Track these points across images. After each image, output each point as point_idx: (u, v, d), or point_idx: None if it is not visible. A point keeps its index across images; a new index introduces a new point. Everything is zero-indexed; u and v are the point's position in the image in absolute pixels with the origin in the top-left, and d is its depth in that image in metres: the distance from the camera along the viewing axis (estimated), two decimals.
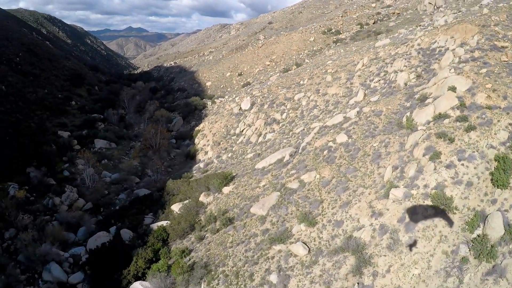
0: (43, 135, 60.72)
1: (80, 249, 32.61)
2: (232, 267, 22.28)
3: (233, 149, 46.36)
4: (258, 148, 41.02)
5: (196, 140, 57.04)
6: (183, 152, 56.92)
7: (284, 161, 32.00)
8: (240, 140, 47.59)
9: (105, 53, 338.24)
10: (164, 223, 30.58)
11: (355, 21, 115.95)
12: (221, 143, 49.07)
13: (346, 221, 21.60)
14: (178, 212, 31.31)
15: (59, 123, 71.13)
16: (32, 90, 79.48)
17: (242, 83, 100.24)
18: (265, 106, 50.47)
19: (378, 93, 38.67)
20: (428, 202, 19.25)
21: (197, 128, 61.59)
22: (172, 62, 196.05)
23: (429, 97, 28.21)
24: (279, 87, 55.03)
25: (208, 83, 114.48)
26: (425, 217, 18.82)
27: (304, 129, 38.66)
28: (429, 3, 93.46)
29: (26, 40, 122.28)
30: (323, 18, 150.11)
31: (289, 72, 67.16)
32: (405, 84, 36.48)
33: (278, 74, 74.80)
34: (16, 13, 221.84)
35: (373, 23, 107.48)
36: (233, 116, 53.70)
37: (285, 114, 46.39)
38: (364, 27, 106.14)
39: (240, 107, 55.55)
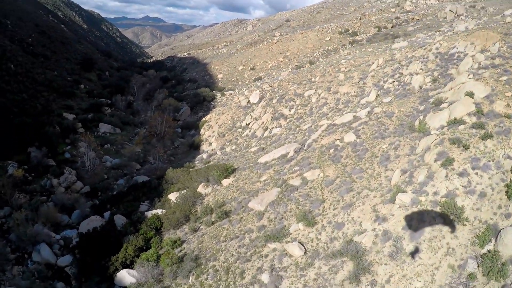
0: (47, 116, 60.26)
1: (73, 232, 31.86)
2: (223, 263, 21.16)
3: (238, 141, 45.26)
4: (263, 142, 39.85)
5: (202, 131, 56.04)
6: (187, 142, 56.00)
7: (288, 156, 30.79)
8: (245, 133, 46.46)
9: (120, 40, 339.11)
10: (159, 211, 29.62)
11: (373, 24, 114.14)
12: (226, 135, 47.98)
13: (347, 224, 20.34)
14: (175, 202, 30.31)
15: (65, 105, 70.81)
16: (41, 71, 79.37)
17: (253, 78, 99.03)
18: (274, 101, 49.25)
19: (391, 94, 37.33)
20: (437, 210, 17.89)
21: (203, 119, 60.59)
22: (185, 53, 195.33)
23: (444, 102, 26.80)
24: (290, 83, 53.75)
25: (220, 76, 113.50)
26: (432, 226, 17.47)
27: (311, 126, 37.41)
28: (450, 10, 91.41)
29: (40, 21, 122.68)
30: (341, 19, 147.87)
31: (302, 69, 65.71)
32: (420, 87, 35.20)
33: (290, 70, 73.44)
34: None
35: (391, 27, 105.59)
36: (241, 109, 52.55)
37: (293, 109, 45.13)
38: (381, 30, 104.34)
39: (249, 100, 54.39)
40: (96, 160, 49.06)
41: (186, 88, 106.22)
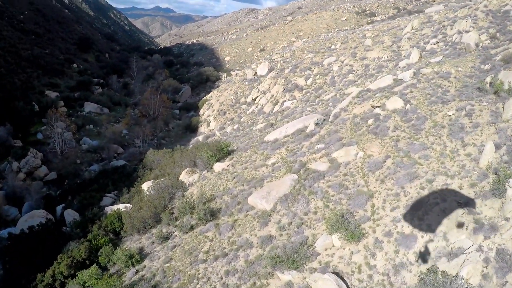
0: (23, 92, 52.14)
1: (12, 230, 23.29)
2: None
3: (241, 120, 36.22)
4: (272, 118, 30.73)
5: (201, 111, 47.19)
6: (183, 124, 47.10)
7: (307, 131, 21.71)
8: (251, 109, 37.39)
9: (128, 29, 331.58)
10: (122, 206, 20.80)
11: (392, 5, 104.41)
12: (228, 112, 39.01)
13: (424, 237, 11.18)
14: (147, 194, 21.45)
15: (50, 83, 63.10)
16: (28, 47, 72.24)
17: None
18: (286, 71, 40.06)
19: (439, 54, 29.83)
20: None
21: (204, 98, 51.71)
22: (194, 40, 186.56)
23: None
24: (305, 51, 44.43)
25: (227, 58, 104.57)
26: None
27: (335, 95, 28.28)
28: None
29: (36, 0, 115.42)
30: (358, 1, 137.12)
31: (318, 38, 56.13)
32: (476, 45, 28.04)
33: (304, 40, 63.83)
34: None
35: (411, 8, 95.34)
36: (246, 82, 43.45)
37: (310, 79, 35.87)
38: (401, 11, 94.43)
39: (256, 73, 45.27)
40: (71, 142, 40.77)
41: (191, 71, 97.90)
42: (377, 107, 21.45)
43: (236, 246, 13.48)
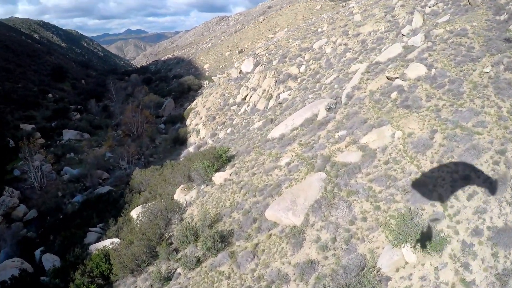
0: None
1: None
2: None
3: (234, 122, 32.48)
4: (270, 114, 27.12)
5: (188, 121, 43.43)
6: (171, 137, 43.13)
7: (319, 119, 18.16)
8: (242, 109, 33.68)
9: (103, 54, 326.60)
10: (109, 243, 16.87)
11: None
12: (217, 116, 35.23)
13: None
14: (137, 223, 17.57)
15: (25, 116, 58.91)
16: None
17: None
18: (274, 62, 36.51)
19: (444, 14, 26.83)
20: None
21: (189, 107, 47.97)
22: (169, 55, 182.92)
23: None
24: (290, 40, 40.91)
25: (206, 66, 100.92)
26: None
27: (339, 76, 24.81)
28: None
29: (3, 38, 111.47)
30: None
31: (302, 25, 52.81)
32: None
33: (286, 29, 60.50)
34: (8, 21, 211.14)
35: None
36: (232, 82, 39.76)
37: (303, 66, 32.39)
38: None
39: (240, 70, 41.62)
40: (51, 174, 36.79)
41: (171, 84, 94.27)
42: (395, 78, 18.14)
43: (266, 282, 9.70)
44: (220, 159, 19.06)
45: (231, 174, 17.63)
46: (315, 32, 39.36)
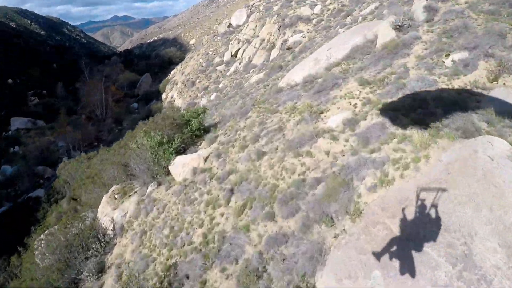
0: None
1: None
2: None
3: (221, 85, 22.66)
4: (277, 62, 17.33)
5: (164, 95, 33.89)
6: (141, 117, 33.26)
7: (386, 42, 8.42)
8: (232, 69, 23.85)
9: (85, 41, 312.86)
10: None
11: None
12: (198, 81, 25.44)
13: None
14: (34, 269, 8.03)
15: None
16: None
17: None
18: (276, 8, 26.65)
19: None
20: None
21: (166, 78, 38.19)
22: (155, 37, 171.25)
23: None
24: None
25: (192, 41, 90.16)
26: None
27: (383, 3, 15.10)
28: None
29: None
30: None
31: None
32: None
33: None
34: None
35: None
36: (218, 38, 29.92)
37: (318, 7, 22.44)
38: None
39: (230, 24, 31.75)
40: None
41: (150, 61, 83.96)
42: None
43: None
44: (189, 127, 9.37)
45: (208, 157, 7.97)
46: None
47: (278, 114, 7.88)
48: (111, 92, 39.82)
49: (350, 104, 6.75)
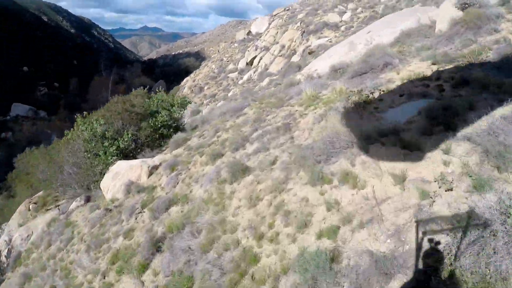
0: None
1: None
2: None
3: (230, 94, 19.80)
4: (297, 62, 14.44)
5: None
6: None
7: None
8: (246, 77, 21.13)
9: (113, 46, 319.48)
10: None
11: None
12: (206, 87, 22.77)
13: None
14: None
15: None
16: None
17: None
18: (300, 16, 24.00)
19: None
20: None
21: (177, 86, 36.17)
22: (180, 51, 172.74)
23: None
24: None
25: (214, 55, 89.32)
26: None
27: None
28: None
29: None
30: None
31: None
32: None
33: None
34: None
35: None
36: (235, 45, 27.35)
37: (347, 14, 19.72)
38: None
39: (249, 31, 29.19)
40: None
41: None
42: None
43: None
44: (153, 120, 6.39)
45: (158, 167, 4.93)
46: None
47: (287, 108, 4.88)
48: (119, 92, 37.59)
49: None
